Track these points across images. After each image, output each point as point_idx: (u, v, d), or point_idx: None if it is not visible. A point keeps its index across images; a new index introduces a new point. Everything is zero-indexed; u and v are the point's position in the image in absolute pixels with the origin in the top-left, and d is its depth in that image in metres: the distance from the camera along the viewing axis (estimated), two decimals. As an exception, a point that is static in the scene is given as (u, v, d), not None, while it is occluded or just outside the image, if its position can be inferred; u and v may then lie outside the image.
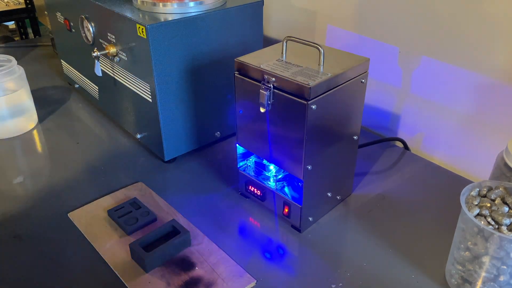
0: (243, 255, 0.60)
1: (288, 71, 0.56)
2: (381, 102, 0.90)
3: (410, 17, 0.79)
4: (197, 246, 0.61)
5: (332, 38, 0.95)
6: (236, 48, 0.79)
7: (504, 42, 0.68)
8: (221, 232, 0.64)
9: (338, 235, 0.64)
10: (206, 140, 0.84)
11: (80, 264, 0.59)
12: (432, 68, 0.79)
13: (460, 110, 0.77)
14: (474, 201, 0.51)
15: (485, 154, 0.74)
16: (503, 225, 0.47)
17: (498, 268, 0.48)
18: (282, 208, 0.65)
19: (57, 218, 0.67)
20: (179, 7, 0.73)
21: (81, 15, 0.84)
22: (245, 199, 0.71)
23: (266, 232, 0.64)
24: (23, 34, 1.96)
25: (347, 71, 0.58)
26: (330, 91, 0.56)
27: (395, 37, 0.83)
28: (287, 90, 0.55)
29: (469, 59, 0.73)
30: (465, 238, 0.50)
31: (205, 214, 0.68)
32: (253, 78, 0.59)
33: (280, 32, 1.08)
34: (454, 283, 0.53)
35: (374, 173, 0.77)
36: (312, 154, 0.58)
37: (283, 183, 0.66)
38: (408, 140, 0.85)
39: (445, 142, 0.82)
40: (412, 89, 0.84)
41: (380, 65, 0.86)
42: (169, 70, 0.72)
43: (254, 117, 0.61)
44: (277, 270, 0.58)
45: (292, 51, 0.62)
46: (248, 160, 0.70)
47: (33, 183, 0.76)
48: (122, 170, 0.78)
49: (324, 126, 0.58)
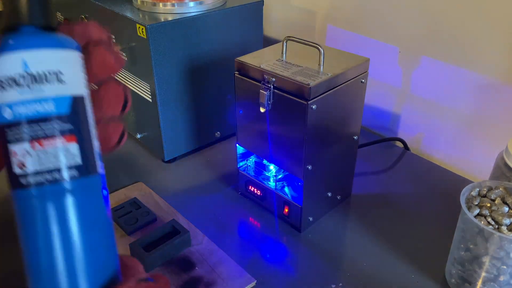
0: (243, 255, 0.60)
1: (288, 71, 0.56)
2: (381, 102, 0.90)
3: (410, 17, 0.79)
4: (197, 246, 0.61)
5: (332, 38, 0.95)
6: (236, 48, 0.79)
7: (504, 42, 0.68)
8: (221, 232, 0.64)
9: (338, 235, 0.64)
10: (206, 140, 0.84)
11: (80, 264, 0.59)
12: (432, 68, 0.79)
13: (460, 110, 0.77)
14: (474, 201, 0.51)
15: (485, 154, 0.74)
16: (503, 225, 0.47)
17: (498, 268, 0.48)
18: (282, 208, 0.65)
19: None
20: (179, 7, 0.73)
21: (81, 15, 0.84)
22: (245, 199, 0.71)
23: (266, 232, 0.64)
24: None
25: (347, 71, 0.58)
26: (330, 91, 0.56)
27: (395, 37, 0.83)
28: (287, 90, 0.55)
29: (469, 59, 0.73)
30: (465, 238, 0.50)
31: (205, 214, 0.68)
32: (253, 78, 0.59)
33: (280, 32, 1.08)
34: (454, 283, 0.53)
35: (374, 173, 0.77)
36: (312, 154, 0.58)
37: (283, 183, 0.66)
38: (408, 140, 0.85)
39: (445, 142, 0.82)
40: (412, 89, 0.84)
41: (380, 65, 0.86)
42: (169, 70, 0.72)
43: (254, 117, 0.61)
44: (277, 270, 0.58)
45: (292, 51, 0.62)
46: (248, 160, 0.70)
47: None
48: (122, 170, 0.78)
49: (324, 126, 0.58)
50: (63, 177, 0.32)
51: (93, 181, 0.34)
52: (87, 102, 0.35)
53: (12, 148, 0.32)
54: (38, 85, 0.32)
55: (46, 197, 0.32)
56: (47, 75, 0.32)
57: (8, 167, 0.33)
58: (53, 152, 0.32)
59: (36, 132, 0.32)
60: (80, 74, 0.35)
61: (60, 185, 0.32)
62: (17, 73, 0.31)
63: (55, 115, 0.32)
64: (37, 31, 0.33)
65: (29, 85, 0.32)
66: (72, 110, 0.33)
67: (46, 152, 0.32)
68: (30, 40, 0.32)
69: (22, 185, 0.32)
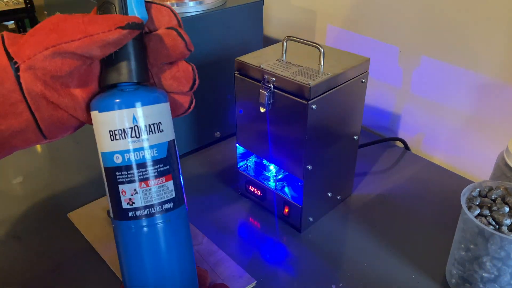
0: (243, 255, 0.60)
1: (288, 71, 0.56)
2: (381, 102, 0.90)
3: (410, 17, 0.79)
4: (197, 247, 0.61)
5: (332, 38, 0.95)
6: (236, 48, 0.79)
7: (504, 42, 0.68)
8: (221, 232, 0.64)
9: (338, 235, 0.64)
10: (206, 140, 0.84)
11: (79, 265, 0.59)
12: (433, 68, 0.79)
13: (461, 110, 0.77)
14: (474, 201, 0.51)
15: (486, 154, 0.73)
16: (503, 225, 0.47)
17: (498, 269, 0.47)
18: (282, 208, 0.65)
19: (57, 218, 0.67)
20: (178, 7, 0.73)
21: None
22: (245, 199, 0.71)
23: (266, 232, 0.64)
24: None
25: (347, 71, 0.58)
26: (330, 91, 0.56)
27: (395, 37, 0.83)
28: (287, 90, 0.55)
29: (469, 59, 0.73)
30: (466, 238, 0.50)
31: (205, 214, 0.67)
32: (253, 78, 0.59)
33: (280, 32, 1.08)
34: (455, 283, 0.53)
35: (375, 173, 0.77)
36: (312, 154, 0.58)
37: (283, 183, 0.66)
38: (408, 140, 0.85)
39: (446, 142, 0.82)
40: (412, 89, 0.84)
41: (380, 65, 0.86)
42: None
43: (254, 117, 0.61)
44: (277, 270, 0.58)
45: (292, 51, 0.62)
46: (248, 160, 0.70)
47: (33, 183, 0.75)
48: (122, 170, 0.78)
49: (324, 126, 0.58)
50: (164, 209, 0.38)
51: (183, 209, 0.41)
52: (175, 143, 0.41)
53: (122, 188, 0.37)
54: (145, 135, 0.37)
55: (150, 226, 0.38)
56: (152, 127, 0.38)
57: (115, 202, 0.38)
58: (156, 190, 0.38)
59: (143, 174, 0.37)
60: (171, 121, 0.41)
61: (161, 216, 0.38)
62: (128, 127, 0.37)
63: (157, 159, 0.38)
64: (140, 88, 0.39)
65: (137, 136, 0.37)
66: (168, 153, 0.39)
67: (151, 190, 0.38)
68: (138, 98, 0.37)
69: (129, 217, 0.38)
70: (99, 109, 0.37)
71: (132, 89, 0.38)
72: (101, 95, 0.38)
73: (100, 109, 0.37)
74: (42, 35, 0.36)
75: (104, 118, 0.37)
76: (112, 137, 0.37)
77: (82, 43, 0.35)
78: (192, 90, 0.44)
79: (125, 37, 0.36)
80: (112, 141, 0.37)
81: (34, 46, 0.35)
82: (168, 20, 0.42)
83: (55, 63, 0.36)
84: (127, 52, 0.37)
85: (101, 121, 0.37)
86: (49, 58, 0.35)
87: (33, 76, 0.36)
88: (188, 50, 0.41)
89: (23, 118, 0.37)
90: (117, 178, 0.37)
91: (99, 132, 0.38)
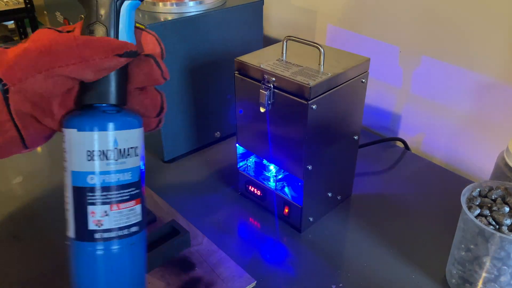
0: (243, 255, 0.60)
1: (288, 71, 0.56)
2: (382, 102, 0.90)
3: (410, 17, 0.79)
4: (196, 247, 0.61)
5: (332, 38, 0.95)
6: (236, 48, 0.79)
7: (504, 42, 0.68)
8: (221, 232, 0.64)
9: (338, 235, 0.64)
10: (206, 140, 0.84)
11: (79, 265, 0.59)
12: (433, 68, 0.79)
13: (461, 110, 0.77)
14: (474, 201, 0.51)
15: (486, 154, 0.73)
16: (504, 225, 0.47)
17: (498, 269, 0.47)
18: (282, 208, 0.65)
19: (57, 218, 0.67)
20: (178, 7, 0.73)
21: (80, 14, 0.84)
22: (245, 199, 0.71)
23: (266, 232, 0.64)
24: (23, 34, 1.96)
25: (348, 71, 0.58)
26: (330, 91, 0.56)
27: (395, 37, 0.83)
28: (287, 90, 0.55)
29: (469, 59, 0.73)
30: (466, 238, 0.50)
31: (205, 214, 0.67)
32: (253, 78, 0.59)
33: (280, 32, 1.08)
34: (455, 284, 0.53)
35: (375, 173, 0.77)
36: (312, 154, 0.58)
37: (283, 183, 0.66)
38: (408, 140, 0.85)
39: (446, 142, 0.82)
40: (412, 89, 0.83)
41: (380, 65, 0.86)
42: (169, 70, 0.71)
43: (254, 117, 0.61)
44: (277, 270, 0.58)
45: (292, 51, 0.62)
46: (248, 160, 0.69)
47: (33, 183, 0.75)
48: (122, 170, 0.78)
49: (324, 126, 0.58)
50: (130, 232, 0.39)
51: (144, 232, 0.41)
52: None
53: (92, 209, 0.37)
54: (124, 158, 0.37)
55: (116, 249, 0.38)
56: (130, 150, 0.38)
57: (80, 222, 0.38)
58: (126, 213, 0.38)
59: (116, 197, 0.37)
60: (143, 146, 0.41)
61: (128, 239, 0.38)
62: (108, 149, 0.37)
63: (131, 182, 0.38)
64: (122, 111, 0.39)
65: (116, 159, 0.37)
66: (139, 176, 0.40)
67: (122, 213, 0.38)
68: (120, 121, 0.38)
69: (95, 239, 0.38)
70: (78, 128, 0.36)
71: (114, 111, 0.38)
72: (80, 114, 0.37)
73: (80, 128, 0.36)
74: (33, 57, 0.35)
75: (82, 137, 0.36)
76: (90, 157, 0.36)
77: (77, 68, 0.35)
78: (159, 117, 0.44)
79: (121, 64, 0.36)
80: (89, 161, 0.36)
81: (26, 69, 0.35)
82: (152, 48, 0.42)
83: (46, 85, 0.35)
84: (113, 74, 0.37)
85: (78, 140, 0.36)
86: (41, 81, 0.35)
87: (23, 98, 0.36)
88: (163, 79, 0.41)
89: (8, 135, 0.37)
90: (88, 199, 0.37)
91: (73, 150, 0.37)
